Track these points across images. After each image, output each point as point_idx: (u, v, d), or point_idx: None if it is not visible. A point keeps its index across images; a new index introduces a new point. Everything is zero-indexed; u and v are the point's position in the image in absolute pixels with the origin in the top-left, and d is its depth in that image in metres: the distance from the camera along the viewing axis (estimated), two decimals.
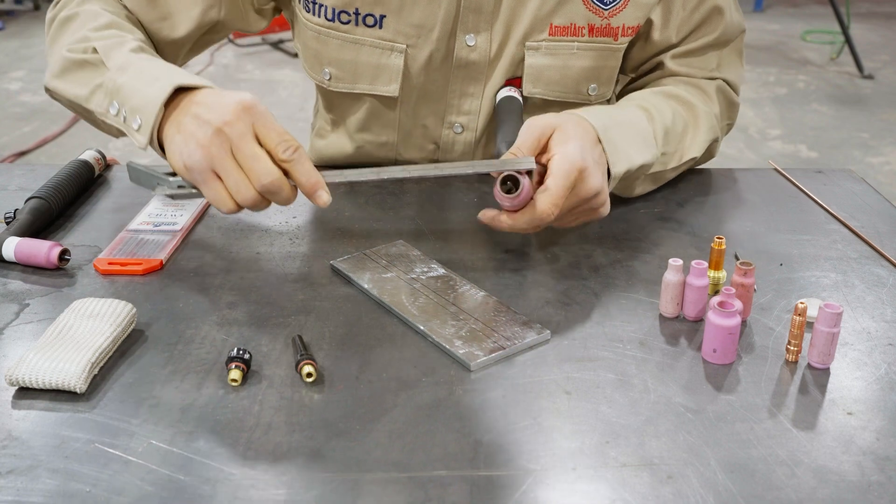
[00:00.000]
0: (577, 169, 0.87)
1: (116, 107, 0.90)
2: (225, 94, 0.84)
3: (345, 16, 1.05)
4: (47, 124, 3.73)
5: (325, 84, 1.11)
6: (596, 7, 1.05)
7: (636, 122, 1.00)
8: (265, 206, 0.84)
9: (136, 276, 0.90)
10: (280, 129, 0.82)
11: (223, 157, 0.81)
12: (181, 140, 0.83)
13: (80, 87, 0.96)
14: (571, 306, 0.87)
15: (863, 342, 0.82)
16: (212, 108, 0.82)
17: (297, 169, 0.82)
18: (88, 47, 0.96)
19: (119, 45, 0.94)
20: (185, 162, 0.83)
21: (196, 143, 0.81)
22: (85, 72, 0.95)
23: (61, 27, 1.03)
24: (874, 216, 1.08)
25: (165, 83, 0.86)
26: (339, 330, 0.82)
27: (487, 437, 0.68)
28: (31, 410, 0.71)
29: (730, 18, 1.13)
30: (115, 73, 0.91)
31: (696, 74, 1.15)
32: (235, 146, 0.81)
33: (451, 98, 1.11)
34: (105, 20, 1.00)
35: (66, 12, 1.03)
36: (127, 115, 0.89)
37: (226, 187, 0.82)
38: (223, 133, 0.81)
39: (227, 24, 1.11)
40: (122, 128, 0.91)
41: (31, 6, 5.63)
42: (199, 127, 0.82)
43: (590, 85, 1.10)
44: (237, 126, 0.80)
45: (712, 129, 1.12)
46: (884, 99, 4.28)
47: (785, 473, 0.65)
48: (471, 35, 1.05)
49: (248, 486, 0.63)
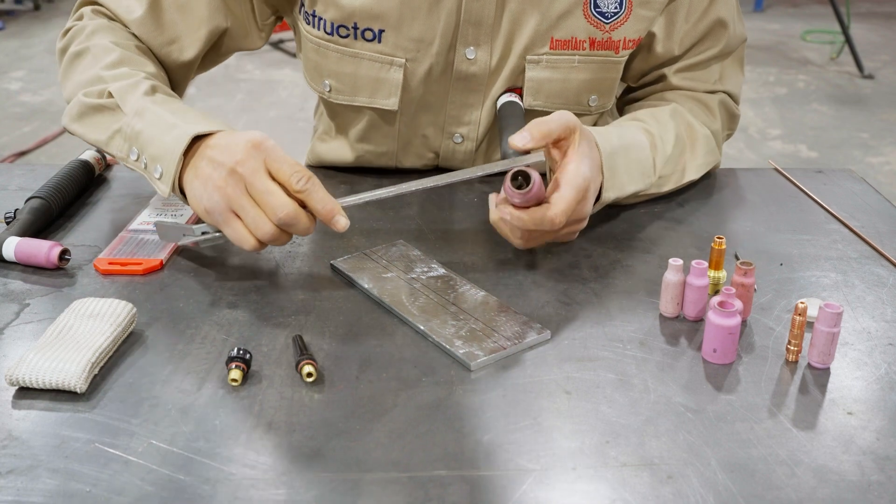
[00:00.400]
0: (584, 189, 0.88)
1: (136, 153, 0.93)
2: (236, 135, 0.86)
3: (343, 30, 1.05)
4: (47, 124, 3.73)
5: (325, 95, 1.12)
6: (597, 21, 1.04)
7: (639, 150, 1.01)
8: (286, 240, 0.85)
9: (136, 276, 0.91)
10: (291, 162, 0.84)
11: (239, 196, 0.83)
12: (199, 185, 0.86)
13: (99, 131, 0.97)
14: (571, 306, 0.87)
15: (863, 342, 0.82)
16: (224, 150, 0.85)
17: (312, 198, 0.83)
18: (104, 91, 0.97)
19: (133, 87, 0.96)
20: (204, 206, 0.85)
21: (213, 186, 0.84)
22: (102, 116, 0.97)
23: (72, 63, 1.04)
24: (874, 216, 1.08)
25: (181, 132, 0.89)
26: (339, 330, 0.82)
27: (487, 437, 0.68)
28: (32, 410, 0.71)
29: (733, 31, 1.12)
30: (132, 119, 0.93)
31: (699, 88, 1.14)
32: (249, 184, 0.83)
33: (450, 109, 1.11)
34: (116, 56, 1.00)
35: (77, 47, 1.04)
36: (147, 163, 0.91)
37: (245, 225, 0.84)
38: (236, 173, 0.83)
39: (232, 45, 1.13)
40: (144, 174, 0.93)
41: (31, 6, 5.63)
42: (214, 169, 0.84)
43: (590, 96, 1.10)
44: (249, 164, 0.83)
45: (712, 153, 1.13)
46: (884, 99, 4.28)
47: (785, 473, 0.65)
48: (471, 48, 1.05)
49: (248, 486, 0.63)
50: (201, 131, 0.88)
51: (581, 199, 0.88)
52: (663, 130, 1.06)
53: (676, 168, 1.08)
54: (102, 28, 1.05)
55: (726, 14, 1.10)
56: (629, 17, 1.05)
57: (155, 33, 1.06)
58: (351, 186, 1.14)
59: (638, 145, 1.01)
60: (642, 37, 1.08)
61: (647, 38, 1.10)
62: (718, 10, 1.10)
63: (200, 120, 0.91)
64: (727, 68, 1.16)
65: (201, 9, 1.06)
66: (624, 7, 1.04)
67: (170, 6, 1.06)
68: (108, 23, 1.07)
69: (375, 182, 1.15)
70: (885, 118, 4.02)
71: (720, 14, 1.10)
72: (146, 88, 0.96)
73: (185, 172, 0.88)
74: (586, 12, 1.04)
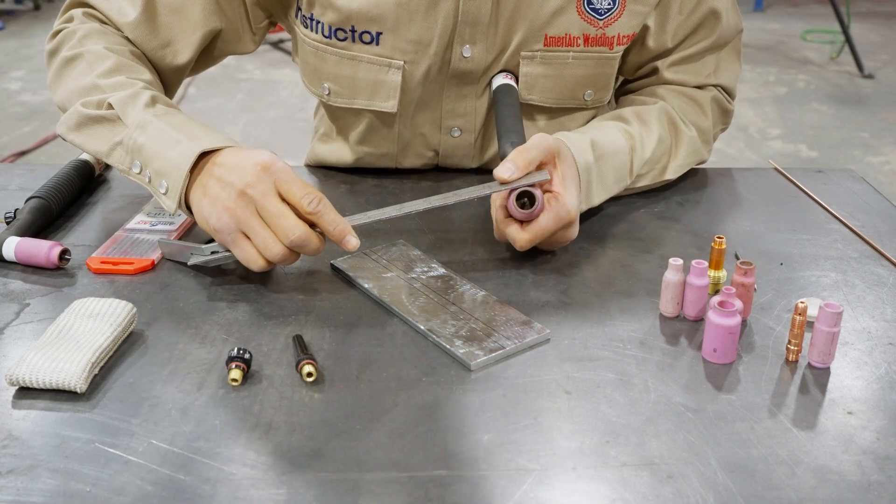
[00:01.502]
0: (570, 218, 0.91)
1: (139, 166, 0.92)
2: (244, 154, 0.86)
3: (341, 33, 1.04)
4: (47, 124, 3.73)
5: (324, 98, 1.12)
6: (591, 17, 1.04)
7: (616, 156, 1.02)
8: (294, 260, 0.86)
9: (136, 276, 0.91)
10: (301, 183, 0.84)
11: (249, 218, 0.84)
12: (208, 203, 0.86)
13: (99, 142, 0.96)
14: (571, 306, 0.87)
15: (863, 342, 0.82)
16: (233, 171, 0.85)
17: (323, 220, 0.84)
18: (103, 101, 0.96)
19: (133, 98, 0.95)
20: (213, 225, 0.86)
21: (222, 206, 0.84)
22: (102, 128, 0.96)
23: (65, 68, 1.03)
24: (874, 216, 1.08)
25: (186, 149, 0.88)
26: (339, 330, 0.82)
27: (487, 437, 0.68)
28: (32, 410, 0.71)
29: (726, 22, 1.12)
30: (134, 132, 0.93)
31: (691, 82, 1.14)
32: (260, 206, 0.83)
33: (446, 103, 1.11)
34: (112, 63, 1.00)
35: (69, 52, 1.03)
36: (152, 178, 0.91)
37: (255, 246, 0.84)
38: (247, 195, 0.83)
39: (225, 48, 1.13)
40: (148, 188, 0.93)
41: (31, 6, 5.63)
42: (223, 189, 0.85)
43: (585, 91, 1.10)
44: (259, 187, 0.83)
45: (695, 153, 1.14)
46: (884, 98, 4.28)
47: (785, 473, 0.65)
48: (467, 46, 1.05)
49: (248, 486, 0.63)
50: (207, 148, 0.88)
51: (563, 227, 0.91)
52: (646, 132, 1.07)
53: (655, 167, 1.09)
54: (94, 32, 1.04)
55: (719, 5, 1.10)
56: (623, 13, 1.05)
57: (149, 37, 1.05)
58: (351, 186, 1.14)
59: (615, 151, 1.02)
60: (636, 32, 1.08)
61: (640, 32, 1.10)
62: (711, 1, 1.10)
63: (204, 135, 0.91)
64: (723, 60, 1.16)
65: (195, 12, 1.06)
66: (617, 3, 1.04)
67: (164, 9, 1.05)
68: (99, 26, 1.06)
69: (375, 182, 1.15)
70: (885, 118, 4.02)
71: (713, 5, 1.10)
72: (146, 100, 0.95)
73: (191, 189, 0.88)
74: (580, 9, 1.04)
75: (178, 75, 1.11)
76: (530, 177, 0.90)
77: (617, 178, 1.03)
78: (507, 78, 1.07)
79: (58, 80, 1.04)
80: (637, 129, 1.06)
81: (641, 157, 1.06)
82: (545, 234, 0.90)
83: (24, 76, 4.37)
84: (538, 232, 0.90)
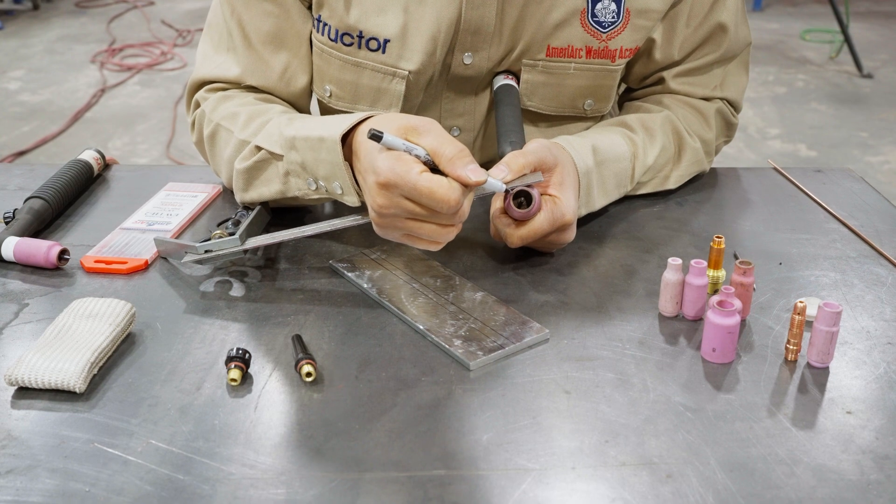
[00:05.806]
0: (566, 221, 0.91)
1: (313, 182, 0.92)
2: (365, 162, 0.84)
3: (347, 38, 1.04)
4: (46, 124, 3.73)
5: (325, 100, 1.11)
6: (594, 30, 1.04)
7: (617, 162, 1.03)
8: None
9: (136, 276, 0.91)
10: (425, 191, 0.79)
11: (400, 230, 0.84)
12: (370, 200, 0.85)
13: (273, 185, 0.97)
14: (570, 306, 0.87)
15: (862, 341, 0.82)
16: (364, 181, 0.85)
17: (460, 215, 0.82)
18: (252, 149, 0.96)
19: (272, 128, 0.95)
20: (379, 227, 0.86)
21: (375, 215, 0.84)
22: (265, 172, 0.97)
23: (211, 145, 1.05)
24: (873, 215, 1.08)
25: (330, 142, 0.87)
26: (338, 330, 0.82)
27: (487, 437, 0.68)
28: (31, 410, 0.71)
29: (734, 35, 1.11)
30: (290, 154, 0.92)
31: (697, 94, 1.14)
32: (403, 224, 0.83)
33: (445, 102, 1.11)
34: (244, 117, 1.00)
35: (208, 129, 1.04)
36: (327, 187, 0.91)
37: (424, 241, 0.84)
38: (385, 216, 0.83)
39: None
40: (334, 197, 0.92)
41: (31, 6, 5.62)
42: (367, 194, 0.84)
43: (586, 101, 1.10)
44: (391, 210, 0.82)
45: (697, 164, 1.14)
46: (883, 98, 4.28)
47: (784, 472, 0.65)
48: (468, 53, 1.05)
49: (247, 486, 0.63)
50: (342, 131, 0.87)
51: (559, 229, 0.91)
52: (649, 140, 1.07)
53: (657, 175, 1.09)
54: (219, 100, 1.05)
55: (727, 18, 1.10)
56: (626, 27, 1.05)
57: (266, 73, 1.05)
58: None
59: (617, 157, 1.02)
60: (640, 45, 1.08)
61: (647, 44, 1.09)
62: (719, 15, 1.09)
63: (333, 121, 0.90)
64: (730, 73, 1.15)
65: (292, 26, 1.04)
66: (621, 17, 1.04)
67: (259, 42, 1.04)
68: (220, 94, 1.06)
69: None
70: (884, 117, 4.02)
71: (721, 18, 1.09)
72: (282, 122, 0.95)
73: (357, 175, 0.88)
74: (583, 22, 1.04)
75: (307, 97, 1.10)
76: (524, 178, 0.89)
77: (618, 184, 1.04)
78: (508, 78, 1.07)
79: (213, 160, 1.06)
80: (640, 137, 1.07)
81: (643, 164, 1.06)
82: (539, 234, 0.90)
83: (22, 76, 4.37)
84: (532, 231, 0.90)
